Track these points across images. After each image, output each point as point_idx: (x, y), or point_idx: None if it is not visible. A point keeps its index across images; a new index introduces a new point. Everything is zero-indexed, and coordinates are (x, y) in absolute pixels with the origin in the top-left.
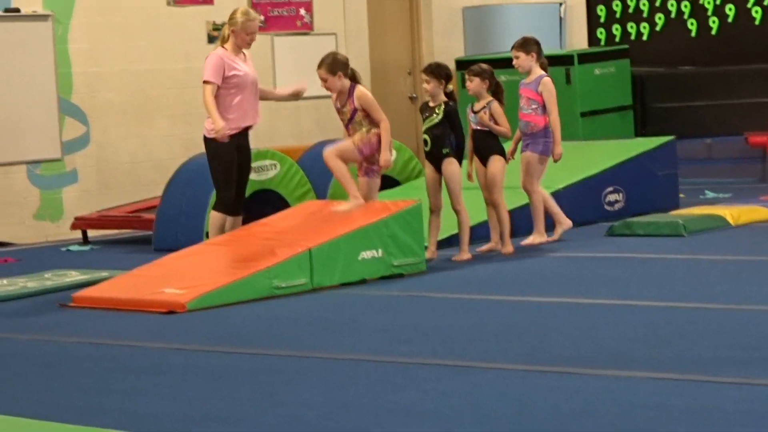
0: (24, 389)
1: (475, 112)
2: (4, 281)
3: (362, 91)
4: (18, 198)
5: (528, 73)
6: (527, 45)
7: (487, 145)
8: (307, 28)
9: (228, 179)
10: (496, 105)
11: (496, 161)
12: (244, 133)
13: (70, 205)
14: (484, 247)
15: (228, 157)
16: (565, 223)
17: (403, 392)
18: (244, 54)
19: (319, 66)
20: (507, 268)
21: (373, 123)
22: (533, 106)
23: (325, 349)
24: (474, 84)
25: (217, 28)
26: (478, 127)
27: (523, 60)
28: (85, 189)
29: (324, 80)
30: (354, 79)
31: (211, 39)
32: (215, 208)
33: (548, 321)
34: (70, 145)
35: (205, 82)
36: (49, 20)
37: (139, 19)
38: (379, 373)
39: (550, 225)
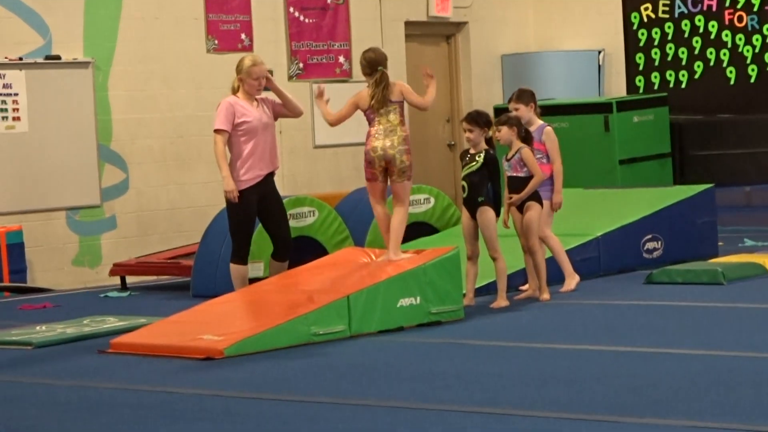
0: None
1: (508, 160)
2: (43, 327)
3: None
4: (57, 244)
5: (528, 123)
6: (525, 96)
7: (523, 190)
8: (345, 75)
9: (243, 232)
10: (526, 150)
11: (532, 207)
12: (266, 179)
13: (109, 251)
14: (522, 294)
15: (245, 209)
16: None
17: None
18: (257, 101)
19: None
20: (545, 315)
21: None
22: (537, 156)
23: (364, 396)
24: (503, 133)
25: None
26: (513, 174)
27: (522, 111)
28: (123, 235)
29: None
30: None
31: None
32: (231, 259)
33: (587, 369)
34: (108, 191)
35: (215, 131)
36: (90, 67)
37: (179, 67)
38: (417, 421)
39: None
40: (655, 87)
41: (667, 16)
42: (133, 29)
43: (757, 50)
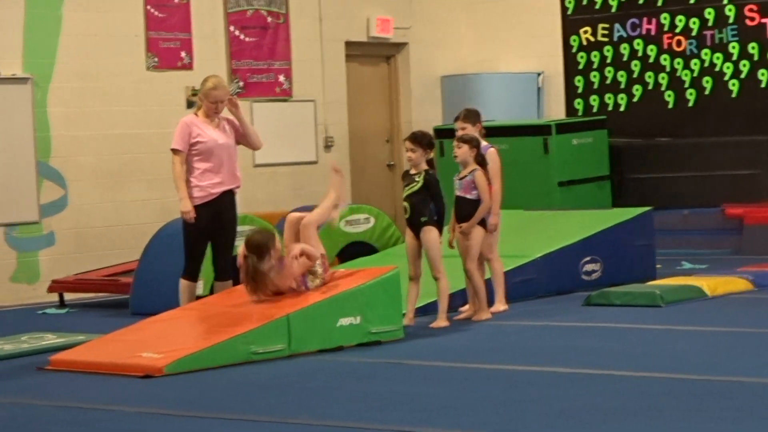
0: None
1: (460, 179)
2: None
3: None
4: None
5: None
6: (472, 116)
7: (470, 213)
8: (286, 95)
9: (195, 248)
10: (480, 174)
11: (474, 231)
12: (221, 198)
13: (47, 267)
14: (462, 314)
15: (196, 226)
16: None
17: None
18: (219, 120)
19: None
20: (484, 335)
21: None
22: None
23: (301, 415)
24: (462, 151)
25: (195, 92)
26: (462, 195)
27: (470, 131)
28: (62, 252)
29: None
30: None
31: (190, 104)
32: (182, 275)
33: (525, 390)
34: (47, 207)
35: (172, 150)
36: (29, 83)
37: (118, 84)
38: None
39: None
40: (594, 110)
41: (606, 39)
42: (73, 46)
43: (695, 74)
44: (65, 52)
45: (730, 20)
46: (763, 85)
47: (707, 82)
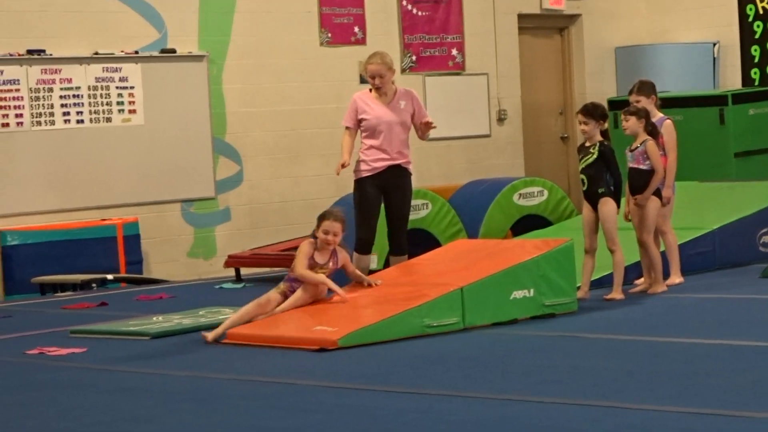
0: (178, 426)
1: (632, 151)
2: (160, 317)
3: None
4: (172, 236)
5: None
6: (646, 88)
7: (644, 184)
8: (458, 68)
9: (363, 220)
10: (651, 143)
11: (649, 202)
12: (387, 173)
13: (223, 243)
14: (637, 287)
15: (365, 197)
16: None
17: None
18: (395, 94)
19: None
20: (660, 308)
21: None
22: None
23: (475, 388)
24: (630, 123)
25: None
26: (635, 166)
27: (644, 103)
28: (237, 227)
29: None
30: None
31: (363, 79)
32: (354, 248)
33: (705, 363)
34: (223, 183)
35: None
36: (204, 61)
37: (292, 60)
38: (528, 414)
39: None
40: None
41: None
42: (247, 23)
43: None
44: (239, 29)
45: None
46: None
47: None
